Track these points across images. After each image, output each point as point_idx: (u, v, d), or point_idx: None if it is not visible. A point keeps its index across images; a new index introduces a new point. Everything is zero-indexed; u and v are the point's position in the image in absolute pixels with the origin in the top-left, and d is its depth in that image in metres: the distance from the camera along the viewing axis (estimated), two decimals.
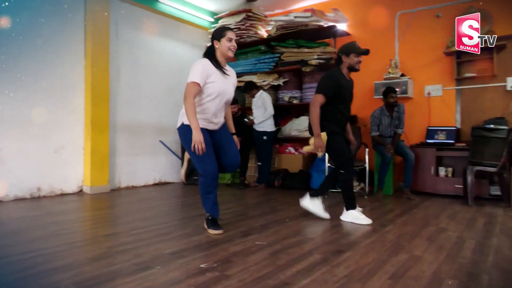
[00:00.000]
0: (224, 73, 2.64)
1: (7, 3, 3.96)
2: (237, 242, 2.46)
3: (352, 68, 3.13)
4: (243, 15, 5.87)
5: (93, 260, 2.09)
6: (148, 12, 5.49)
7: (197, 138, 2.40)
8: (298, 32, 5.42)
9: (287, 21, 5.43)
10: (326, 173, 4.60)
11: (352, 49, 3.08)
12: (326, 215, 3.21)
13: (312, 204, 3.25)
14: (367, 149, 4.57)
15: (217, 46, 2.64)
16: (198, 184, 2.67)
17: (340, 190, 3.31)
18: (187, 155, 2.83)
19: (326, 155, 4.54)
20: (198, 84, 2.49)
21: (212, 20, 6.39)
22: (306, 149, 3.28)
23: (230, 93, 2.71)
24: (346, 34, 5.52)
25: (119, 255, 2.17)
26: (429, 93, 4.92)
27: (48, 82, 4.36)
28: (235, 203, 4.14)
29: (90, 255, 2.18)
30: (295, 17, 5.31)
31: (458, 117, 4.77)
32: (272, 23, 5.79)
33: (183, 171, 2.91)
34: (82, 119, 4.70)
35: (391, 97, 4.48)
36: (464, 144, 4.40)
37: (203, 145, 2.42)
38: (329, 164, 4.52)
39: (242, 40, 5.96)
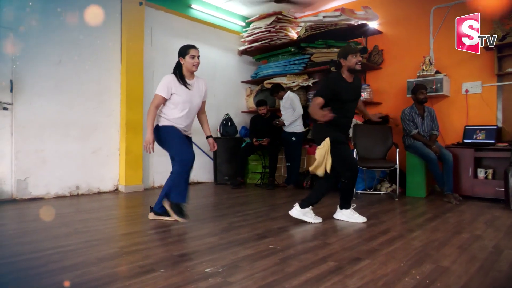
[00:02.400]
0: (186, 86, 3.01)
1: (46, 18, 4.31)
2: (250, 245, 2.40)
3: (352, 70, 3.06)
4: (273, 18, 5.91)
5: (102, 260, 2.13)
6: (182, 19, 5.70)
7: (148, 139, 2.94)
8: (328, 32, 5.35)
9: (316, 21, 5.38)
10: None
11: (348, 50, 3.03)
12: (317, 220, 3.11)
13: (303, 214, 3.12)
14: (397, 150, 4.39)
15: (182, 63, 3.03)
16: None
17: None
18: (165, 204, 3.11)
19: (355, 154, 4.43)
20: (162, 97, 2.95)
21: (244, 24, 6.48)
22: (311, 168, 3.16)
23: (196, 103, 3.10)
24: (378, 32, 5.37)
25: (128, 256, 2.21)
26: (467, 91, 4.64)
27: (86, 87, 4.67)
28: (260, 203, 4.15)
29: (100, 255, 2.22)
30: (324, 17, 5.26)
31: (499, 115, 4.44)
32: (302, 24, 5.76)
33: (173, 216, 3.07)
34: (118, 122, 4.97)
35: (421, 93, 4.32)
36: (506, 144, 4.09)
37: (152, 146, 2.94)
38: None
39: (272, 42, 5.99)
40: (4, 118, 4.04)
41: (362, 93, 5.20)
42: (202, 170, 5.96)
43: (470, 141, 4.41)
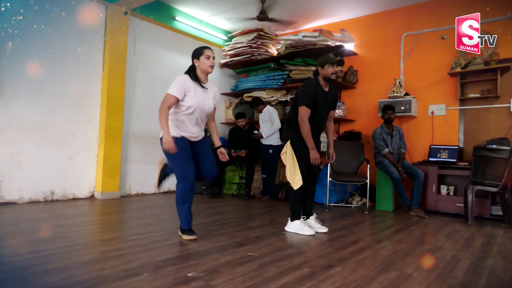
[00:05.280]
0: (203, 87, 2.84)
1: (29, 21, 4.32)
2: (229, 252, 2.52)
3: (327, 79, 3.18)
4: (255, 34, 6.12)
5: (85, 264, 2.19)
6: (166, 30, 5.80)
7: (167, 140, 2.62)
8: (307, 51, 5.60)
9: (296, 40, 5.63)
10: (328, 187, 4.69)
11: (326, 60, 3.14)
12: (309, 232, 3.19)
13: (293, 227, 3.27)
14: (368, 165, 4.64)
15: (196, 64, 2.85)
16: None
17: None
18: (160, 164, 3.02)
19: (329, 168, 4.64)
20: (175, 97, 2.71)
21: (226, 38, 6.66)
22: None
23: (209, 106, 2.90)
24: (353, 53, 5.68)
25: (111, 260, 2.26)
26: (432, 112, 4.99)
27: (67, 91, 4.67)
28: (236, 213, 4.26)
29: (83, 259, 2.28)
30: (304, 36, 5.52)
31: (461, 137, 4.81)
32: (282, 42, 6.01)
33: (156, 179, 3.04)
34: (97, 128, 4.97)
35: (386, 113, 4.66)
36: (466, 163, 4.43)
37: (173, 145, 2.62)
38: (330, 179, 4.61)
39: (253, 57, 6.19)
40: None
41: (337, 110, 5.46)
42: None
43: (434, 159, 4.73)
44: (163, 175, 3.02)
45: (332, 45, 5.49)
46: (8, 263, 2.15)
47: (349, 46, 5.65)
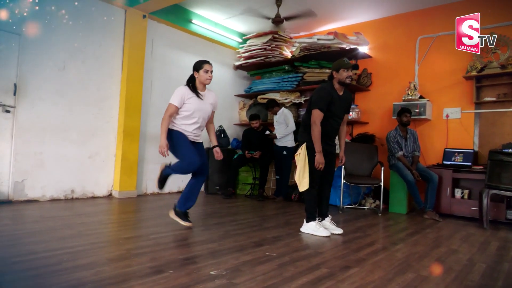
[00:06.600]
0: (199, 97, 3.23)
1: (53, 26, 4.46)
2: (248, 252, 2.59)
3: (342, 83, 3.24)
4: (269, 37, 6.19)
5: (112, 260, 2.29)
6: (182, 33, 5.91)
7: (162, 144, 3.08)
8: (321, 54, 5.65)
9: (310, 43, 5.68)
10: (341, 189, 4.73)
11: (341, 65, 3.19)
12: (325, 233, 3.24)
13: (308, 228, 3.32)
14: (382, 168, 4.67)
15: (196, 76, 3.23)
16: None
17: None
18: (160, 168, 3.38)
19: (343, 170, 4.68)
20: (175, 106, 3.14)
21: (241, 40, 6.75)
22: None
23: (206, 111, 3.30)
24: (368, 56, 5.70)
25: (136, 257, 2.36)
26: (447, 116, 4.99)
27: (87, 93, 4.81)
28: (252, 213, 4.33)
29: (110, 256, 2.39)
30: (318, 39, 5.56)
31: (476, 140, 4.80)
32: (297, 44, 6.06)
33: (156, 180, 3.43)
34: (116, 128, 5.10)
35: (405, 116, 4.65)
36: (481, 167, 4.42)
37: (167, 150, 3.08)
38: (344, 181, 4.66)
39: (267, 59, 6.25)
40: (6, 121, 4.13)
41: (351, 113, 5.50)
42: None
43: (449, 162, 4.74)
44: (162, 177, 3.37)
45: (347, 48, 5.52)
46: (42, 258, 2.26)
47: (363, 49, 5.67)
